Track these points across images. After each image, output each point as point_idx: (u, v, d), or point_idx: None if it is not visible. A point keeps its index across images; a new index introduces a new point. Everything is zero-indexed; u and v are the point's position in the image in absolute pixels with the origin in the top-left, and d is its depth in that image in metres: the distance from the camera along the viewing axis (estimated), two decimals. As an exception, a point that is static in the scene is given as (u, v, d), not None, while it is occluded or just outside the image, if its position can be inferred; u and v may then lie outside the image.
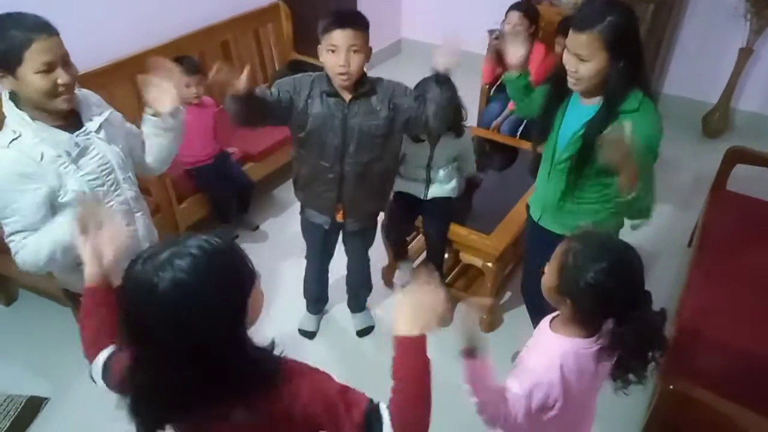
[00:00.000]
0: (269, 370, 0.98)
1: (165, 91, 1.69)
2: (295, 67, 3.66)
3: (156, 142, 1.80)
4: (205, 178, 3.05)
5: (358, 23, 1.86)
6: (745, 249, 2.49)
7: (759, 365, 1.95)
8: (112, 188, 1.71)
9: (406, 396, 1.05)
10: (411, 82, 2.36)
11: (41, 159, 1.54)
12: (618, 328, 1.23)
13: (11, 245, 1.60)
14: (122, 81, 3.05)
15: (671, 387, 1.66)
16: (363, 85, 1.95)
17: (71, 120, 1.63)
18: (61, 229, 1.52)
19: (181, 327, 0.87)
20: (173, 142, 1.83)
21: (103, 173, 1.67)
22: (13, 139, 1.52)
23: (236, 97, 1.75)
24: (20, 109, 1.55)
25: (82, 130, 1.63)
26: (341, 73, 1.87)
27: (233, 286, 0.93)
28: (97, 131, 1.67)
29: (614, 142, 1.50)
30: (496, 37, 3.28)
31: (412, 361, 1.06)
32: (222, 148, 3.12)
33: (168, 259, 0.87)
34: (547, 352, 1.33)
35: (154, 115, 1.73)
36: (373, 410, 1.03)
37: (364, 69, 1.95)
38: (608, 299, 1.23)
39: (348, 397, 1.03)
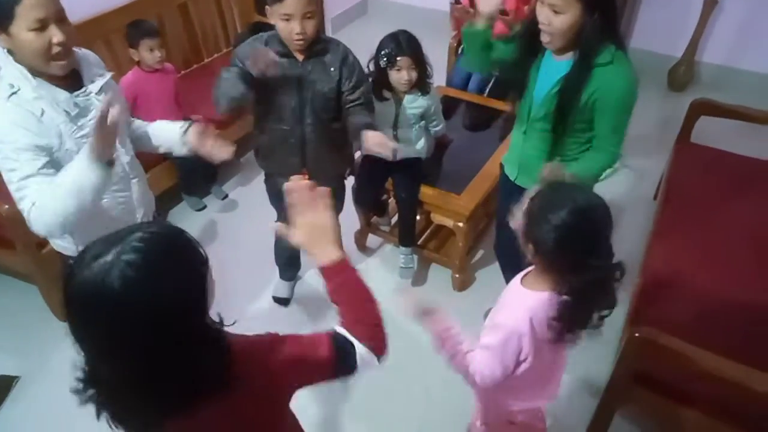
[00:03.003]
0: (229, 353, 0.94)
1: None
2: (258, 30, 3.52)
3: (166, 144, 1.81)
4: (170, 147, 2.96)
5: None
6: (709, 200, 2.54)
7: (723, 310, 2.02)
8: None
9: (353, 312, 1.09)
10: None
11: (42, 115, 1.48)
12: (571, 276, 1.24)
13: (23, 198, 1.48)
14: (79, 46, 2.92)
15: (637, 334, 1.70)
16: (317, 44, 1.92)
17: (70, 79, 1.56)
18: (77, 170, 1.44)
19: (142, 324, 0.82)
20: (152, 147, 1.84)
21: None
22: (12, 93, 1.46)
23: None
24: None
25: (81, 90, 1.57)
26: (298, 40, 1.83)
27: (188, 269, 0.88)
28: (98, 93, 1.61)
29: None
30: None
31: (344, 281, 1.10)
32: (186, 116, 3.03)
33: (114, 259, 0.81)
34: (516, 307, 1.35)
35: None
36: (336, 338, 1.06)
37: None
38: (566, 244, 1.23)
39: (309, 343, 1.05)
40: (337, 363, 1.05)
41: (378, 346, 1.08)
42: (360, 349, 1.05)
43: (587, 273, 1.22)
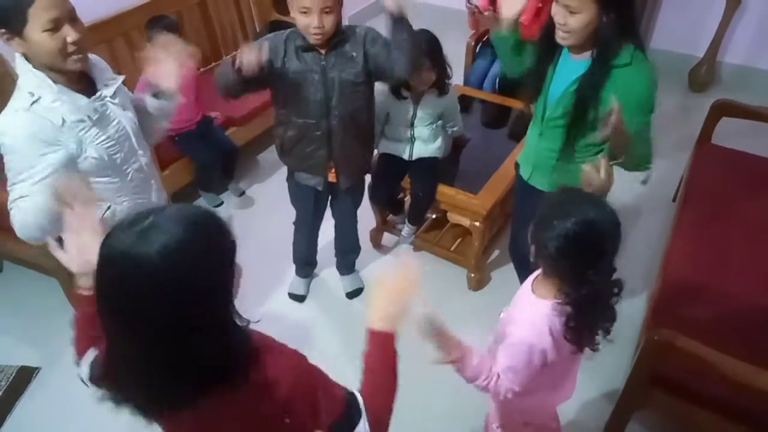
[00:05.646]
0: (251, 349, 0.94)
1: (167, 68, 1.65)
2: (276, 29, 3.53)
3: (149, 120, 1.78)
4: (189, 144, 3.00)
5: None
6: (729, 202, 2.50)
7: (742, 313, 1.99)
8: (129, 154, 1.68)
9: (375, 383, 1.12)
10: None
11: (62, 124, 1.49)
12: (568, 287, 1.23)
13: (12, 210, 1.50)
14: (98, 45, 2.96)
15: (655, 337, 1.69)
16: (337, 35, 1.92)
17: (85, 85, 1.58)
18: (41, 194, 1.44)
19: (173, 299, 0.81)
20: (162, 124, 1.82)
21: (120, 139, 1.64)
22: (33, 102, 1.47)
23: (241, 72, 1.77)
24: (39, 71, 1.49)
25: (97, 95, 1.59)
26: (316, 33, 1.84)
27: (222, 248, 0.89)
28: (113, 97, 1.63)
29: (612, 127, 1.49)
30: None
31: (382, 353, 1.13)
32: (204, 113, 3.07)
33: (151, 225, 0.81)
34: (533, 320, 1.31)
35: (154, 95, 1.70)
36: (351, 400, 1.07)
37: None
38: (565, 254, 1.21)
39: (328, 387, 1.06)
40: (339, 423, 1.05)
41: (378, 430, 1.09)
42: (363, 423, 1.06)
43: (583, 286, 1.21)
